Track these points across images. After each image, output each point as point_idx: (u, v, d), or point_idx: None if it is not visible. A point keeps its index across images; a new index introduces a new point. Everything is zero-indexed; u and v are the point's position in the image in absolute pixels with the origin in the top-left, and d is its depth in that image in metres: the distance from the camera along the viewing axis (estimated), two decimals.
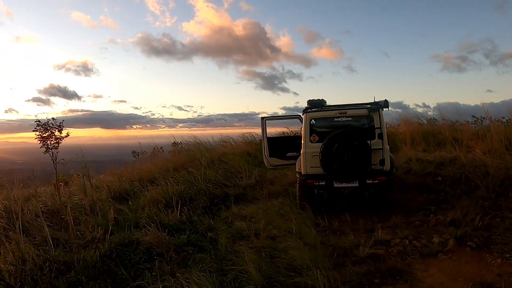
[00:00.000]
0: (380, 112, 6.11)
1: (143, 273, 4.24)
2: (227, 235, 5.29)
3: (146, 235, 5.13)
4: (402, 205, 6.38)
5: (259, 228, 5.51)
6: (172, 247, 4.97)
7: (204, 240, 5.27)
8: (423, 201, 6.54)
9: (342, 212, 6.27)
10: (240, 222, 5.76)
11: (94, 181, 9.14)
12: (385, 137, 6.05)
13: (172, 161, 9.95)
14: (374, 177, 5.98)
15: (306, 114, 6.36)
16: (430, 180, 7.16)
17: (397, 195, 6.80)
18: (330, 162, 5.85)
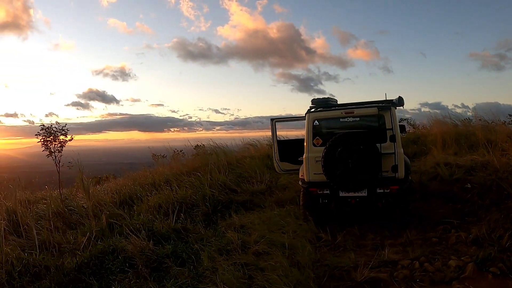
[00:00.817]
0: (392, 111, 5.47)
1: (113, 285, 4.02)
2: (214, 248, 4.95)
3: (130, 244, 4.92)
4: (420, 217, 5.69)
5: (250, 241, 5.09)
6: (154, 257, 4.73)
7: (190, 252, 4.95)
8: (446, 212, 5.78)
9: (351, 225, 5.65)
10: (233, 232, 5.40)
11: (112, 184, 9.31)
12: (398, 140, 5.40)
13: (187, 165, 9.84)
14: (386, 186, 5.31)
15: (308, 114, 5.84)
16: (458, 188, 6.39)
17: (417, 205, 6.13)
18: (333, 168, 5.29)
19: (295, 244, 5.02)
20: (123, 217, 6.31)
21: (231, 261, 4.51)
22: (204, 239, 5.45)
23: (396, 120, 5.52)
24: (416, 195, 6.60)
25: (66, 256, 4.58)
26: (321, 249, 5.10)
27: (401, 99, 5.90)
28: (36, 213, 6.01)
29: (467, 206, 5.78)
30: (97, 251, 4.76)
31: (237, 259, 4.52)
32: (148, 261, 4.67)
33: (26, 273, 4.18)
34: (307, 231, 5.48)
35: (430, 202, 6.20)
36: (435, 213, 5.74)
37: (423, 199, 6.33)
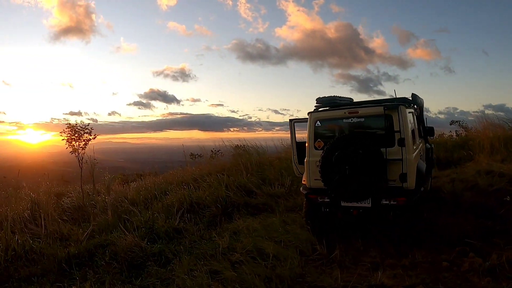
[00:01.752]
0: (401, 111, 4.80)
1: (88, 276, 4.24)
2: (199, 251, 4.89)
3: (125, 240, 5.12)
4: (438, 234, 4.94)
5: (237, 248, 4.93)
6: (140, 255, 4.86)
7: (176, 253, 4.97)
8: (472, 230, 4.98)
9: (355, 237, 5.13)
10: (226, 237, 5.27)
11: (146, 181, 9.84)
12: (409, 144, 4.76)
13: (217, 165, 9.95)
14: (391, 197, 4.70)
15: (310, 114, 5.42)
16: (495, 200, 5.59)
17: (440, 219, 5.42)
18: (330, 174, 4.83)
19: (284, 255, 4.73)
20: (135, 213, 6.59)
21: (207, 267, 4.40)
22: (198, 241, 5.42)
23: (407, 121, 4.85)
24: (444, 206, 5.88)
25: (64, 246, 4.92)
26: (311, 262, 4.72)
27: (416, 97, 5.19)
28: (60, 206, 6.59)
29: (498, 223, 4.93)
30: (91, 245, 5.05)
31: (212, 266, 4.38)
32: (134, 258, 4.79)
33: (24, 258, 4.57)
34: (304, 241, 5.13)
35: (457, 216, 5.42)
36: (458, 230, 4.95)
37: (450, 212, 5.57)
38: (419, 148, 5.65)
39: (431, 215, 5.80)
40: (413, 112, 5.76)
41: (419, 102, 5.29)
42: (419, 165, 5.06)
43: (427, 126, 6.94)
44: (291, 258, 4.67)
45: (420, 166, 5.06)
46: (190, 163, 11.41)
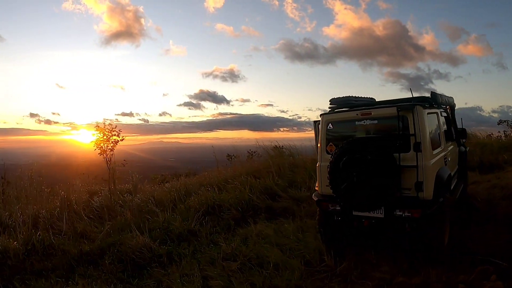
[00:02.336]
0: (417, 112, 4.30)
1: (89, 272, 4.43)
2: (201, 255, 4.85)
3: (136, 240, 5.27)
4: (460, 250, 4.39)
5: (240, 254, 4.78)
6: (148, 255, 4.96)
7: (182, 255, 5.00)
8: (502, 246, 4.32)
9: (369, 249, 4.69)
10: (234, 242, 5.18)
11: (179, 183, 10.09)
12: (426, 149, 4.24)
13: (247, 166, 9.89)
14: (405, 208, 4.19)
15: (322, 116, 5.08)
16: None
17: (467, 231, 4.91)
18: (338, 181, 4.46)
19: (287, 264, 4.48)
20: (157, 214, 6.75)
21: (204, 272, 4.32)
22: (206, 245, 5.37)
23: (424, 123, 4.32)
24: (475, 217, 5.35)
25: (79, 244, 5.19)
26: (316, 274, 4.39)
27: (436, 96, 4.60)
28: (90, 204, 7.01)
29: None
30: (105, 243, 5.24)
31: (208, 272, 4.29)
32: (141, 258, 4.91)
33: (41, 253, 4.91)
34: (313, 251, 4.82)
35: (488, 229, 4.81)
36: (486, 246, 4.32)
37: (480, 223, 5.00)
38: (446, 153, 5.08)
39: (457, 227, 5.16)
40: (438, 113, 5.18)
41: (445, 101, 4.66)
42: (440, 172, 4.49)
43: (459, 128, 6.22)
44: (293, 269, 4.40)
45: (441, 173, 4.50)
46: (226, 163, 11.51)
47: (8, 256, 4.68)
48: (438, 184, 4.29)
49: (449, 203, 4.54)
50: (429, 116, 4.58)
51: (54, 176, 10.49)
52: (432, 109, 4.78)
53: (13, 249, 4.80)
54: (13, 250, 4.79)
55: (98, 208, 6.96)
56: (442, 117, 5.45)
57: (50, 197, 6.76)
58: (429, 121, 4.60)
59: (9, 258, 4.68)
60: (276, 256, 4.63)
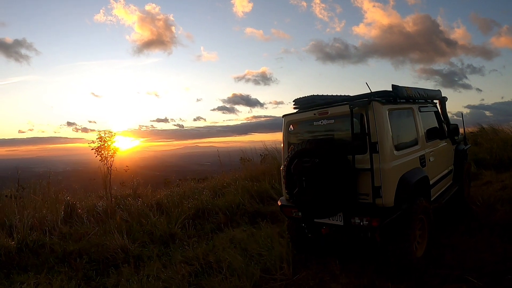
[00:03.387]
0: (375, 109, 3.98)
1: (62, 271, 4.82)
2: (167, 258, 5.04)
3: (115, 241, 5.59)
4: (439, 263, 4.15)
5: (200, 258, 4.88)
6: (121, 256, 5.26)
7: (151, 258, 5.21)
8: (488, 260, 4.01)
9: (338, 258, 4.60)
10: (201, 247, 5.29)
11: (183, 187, 10.33)
12: (385, 149, 3.92)
13: (250, 170, 9.93)
14: (363, 215, 3.93)
15: (284, 117, 4.97)
16: None
17: (453, 241, 4.66)
18: (291, 186, 4.35)
19: (244, 270, 4.49)
20: (150, 217, 7.05)
21: (165, 274, 4.49)
22: (179, 248, 5.53)
23: (383, 121, 4.01)
24: (467, 224, 5.10)
25: (66, 244, 5.62)
26: (270, 282, 4.36)
27: (399, 89, 4.26)
28: (94, 208, 7.50)
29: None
30: (89, 244, 5.64)
31: (161, 274, 4.45)
32: (116, 258, 5.23)
33: (33, 251, 5.40)
34: (275, 258, 4.72)
35: (479, 239, 4.50)
36: (470, 259, 4.03)
37: (474, 231, 4.71)
38: (425, 153, 4.75)
39: (443, 236, 4.79)
40: (414, 108, 4.82)
41: (401, 96, 4.28)
42: (408, 175, 4.11)
43: (452, 124, 5.74)
44: (249, 275, 4.37)
45: (409, 176, 4.11)
46: (238, 167, 11.63)
47: (0, 253, 5.18)
48: (404, 189, 3.97)
49: (422, 210, 4.18)
50: (393, 113, 4.24)
51: (85, 182, 11.34)
52: (398, 104, 4.42)
53: (6, 247, 5.30)
54: (6, 248, 5.29)
55: (101, 212, 7.42)
56: (423, 112, 5.08)
57: (57, 203, 7.32)
58: (394, 118, 4.26)
59: (1, 255, 5.19)
60: (237, 262, 4.63)
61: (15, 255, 5.31)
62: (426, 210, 4.29)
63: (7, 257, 5.22)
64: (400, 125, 4.47)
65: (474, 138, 10.47)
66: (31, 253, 5.44)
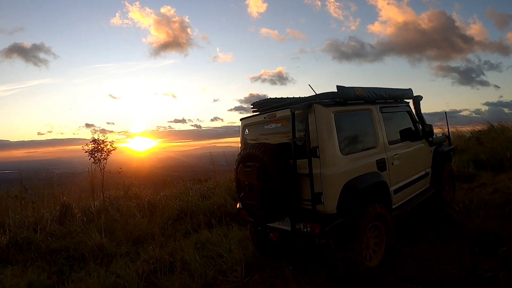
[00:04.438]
0: (314, 111, 3.89)
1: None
2: (127, 258, 5.32)
3: (93, 240, 5.93)
4: (397, 275, 4.03)
5: (160, 258, 5.12)
6: (97, 253, 5.64)
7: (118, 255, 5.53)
8: (452, 274, 3.87)
9: (294, 264, 4.70)
10: (163, 249, 5.58)
11: (180, 188, 10.49)
12: (326, 154, 3.82)
13: None
14: (306, 221, 3.89)
15: (241, 121, 5.03)
16: None
17: (421, 251, 4.55)
18: (239, 190, 4.41)
19: (198, 271, 4.65)
20: (136, 218, 7.34)
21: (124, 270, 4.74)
22: (153, 247, 5.76)
23: (324, 124, 3.89)
24: (438, 232, 5.00)
25: (48, 242, 6.02)
26: (222, 284, 4.47)
27: (344, 90, 4.14)
28: (88, 208, 7.91)
29: (499, 266, 3.75)
30: (71, 242, 6.03)
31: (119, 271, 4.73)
32: (90, 255, 5.65)
33: (22, 248, 5.83)
34: (234, 260, 4.80)
35: (448, 249, 4.43)
36: (430, 271, 3.94)
37: (447, 240, 4.70)
38: (386, 156, 4.59)
39: (407, 244, 4.78)
40: (373, 109, 4.67)
41: (348, 97, 4.14)
42: (355, 181, 3.97)
43: (426, 125, 5.51)
44: (202, 275, 4.50)
45: (356, 182, 3.97)
46: None
47: None
48: (350, 195, 3.86)
49: (374, 217, 4.07)
50: (341, 115, 4.11)
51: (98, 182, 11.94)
52: (349, 106, 4.25)
53: None
54: None
55: (94, 212, 7.81)
56: (386, 113, 4.90)
57: (55, 203, 7.82)
58: (342, 121, 4.12)
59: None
60: (193, 262, 4.76)
61: (5, 250, 5.74)
62: (382, 217, 4.15)
63: None
64: (352, 128, 4.38)
65: (478, 137, 9.92)
66: (19, 249, 5.90)
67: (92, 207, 8.10)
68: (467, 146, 9.77)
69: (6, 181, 11.14)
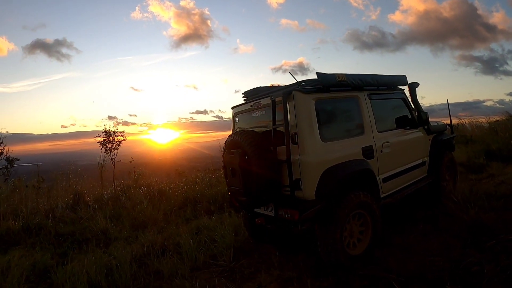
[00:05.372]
0: (293, 98, 3.91)
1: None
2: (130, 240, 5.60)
3: (98, 224, 6.25)
4: (381, 267, 3.98)
5: (155, 243, 5.36)
6: (101, 237, 5.94)
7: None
8: (441, 264, 3.82)
9: (282, 250, 4.82)
10: (161, 234, 5.80)
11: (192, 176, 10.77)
12: (304, 141, 3.83)
13: None
14: (286, 208, 3.95)
15: (232, 109, 5.13)
16: None
17: (409, 243, 4.50)
18: (225, 176, 4.54)
19: (189, 254, 4.81)
20: (143, 205, 7.63)
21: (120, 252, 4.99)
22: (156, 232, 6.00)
23: (303, 111, 3.90)
24: (440, 223, 4.92)
25: (58, 227, 6.40)
26: (210, 267, 4.61)
27: (325, 77, 4.06)
28: (100, 196, 8.30)
29: (487, 259, 3.70)
30: (79, 227, 6.37)
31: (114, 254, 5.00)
32: (96, 239, 5.95)
33: (32, 232, 6.23)
34: (225, 245, 4.93)
35: (438, 240, 4.39)
36: (416, 263, 3.89)
37: (439, 232, 4.63)
38: (374, 144, 4.52)
39: (396, 234, 4.76)
40: (360, 96, 4.59)
41: (329, 83, 4.10)
42: (335, 168, 3.93)
43: (422, 113, 5.38)
44: (192, 258, 4.67)
45: (336, 169, 3.93)
46: None
47: (4, 234, 6.08)
48: (330, 182, 3.84)
49: (358, 205, 4.06)
50: (322, 102, 4.10)
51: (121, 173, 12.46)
52: (332, 93, 4.20)
53: (11, 228, 6.22)
54: (11, 229, 6.20)
55: (105, 200, 8.19)
56: (376, 100, 4.81)
57: (67, 192, 8.26)
58: (324, 107, 4.12)
59: (8, 235, 6.09)
60: (186, 246, 4.93)
61: (17, 235, 6.17)
62: (367, 205, 4.13)
63: (9, 237, 6.13)
64: (335, 115, 4.39)
65: (494, 128, 9.51)
66: (30, 233, 6.29)
67: (104, 195, 8.51)
68: (481, 137, 9.42)
69: (31, 173, 11.85)
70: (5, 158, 9.92)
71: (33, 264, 4.78)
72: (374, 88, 4.83)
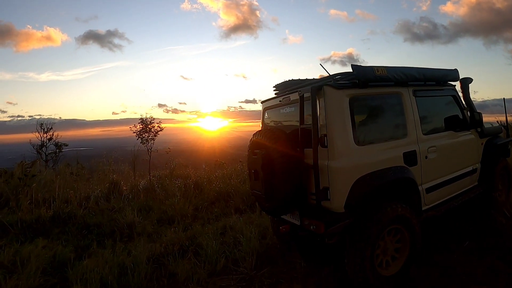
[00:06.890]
0: (324, 94, 3.31)
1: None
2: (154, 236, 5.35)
3: (126, 217, 6.13)
4: (412, 285, 3.52)
5: (177, 241, 5.07)
6: (125, 231, 5.82)
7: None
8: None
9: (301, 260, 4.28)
10: (186, 232, 5.47)
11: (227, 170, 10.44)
12: (335, 144, 3.25)
13: None
14: (311, 218, 3.38)
15: (262, 103, 4.66)
16: None
17: (452, 259, 4.00)
18: (250, 178, 4.08)
19: (210, 257, 4.46)
20: (175, 198, 7.45)
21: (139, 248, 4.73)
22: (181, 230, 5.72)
23: (337, 110, 3.30)
24: (486, 239, 4.37)
25: (88, 217, 6.40)
26: (230, 273, 4.22)
27: (359, 70, 3.41)
28: (136, 186, 8.29)
29: None
30: (108, 219, 6.29)
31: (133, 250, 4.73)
32: (121, 232, 5.79)
33: (62, 220, 6.29)
34: (247, 249, 4.50)
35: (483, 262, 3.82)
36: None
37: (482, 249, 4.11)
38: (417, 149, 3.87)
39: (437, 252, 4.13)
40: (404, 93, 3.91)
41: (366, 78, 3.40)
42: (371, 176, 3.33)
43: (475, 113, 4.72)
44: (213, 262, 4.31)
45: (371, 178, 3.32)
46: None
47: (34, 222, 6.18)
48: (363, 193, 3.26)
49: (394, 219, 3.41)
50: (359, 99, 3.49)
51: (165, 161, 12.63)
52: (370, 89, 3.56)
53: (42, 217, 6.30)
54: (42, 217, 6.28)
55: (141, 190, 8.17)
56: (421, 98, 4.09)
57: (105, 181, 8.35)
58: (361, 105, 3.54)
59: (37, 223, 6.19)
60: (208, 248, 4.55)
61: (47, 223, 6.25)
62: (404, 220, 3.49)
63: (39, 225, 6.16)
64: (373, 114, 3.72)
65: None
66: (59, 223, 6.31)
67: (139, 185, 8.51)
68: None
69: (83, 158, 12.39)
70: (54, 143, 10.41)
71: (54, 256, 4.70)
72: (420, 84, 4.11)
